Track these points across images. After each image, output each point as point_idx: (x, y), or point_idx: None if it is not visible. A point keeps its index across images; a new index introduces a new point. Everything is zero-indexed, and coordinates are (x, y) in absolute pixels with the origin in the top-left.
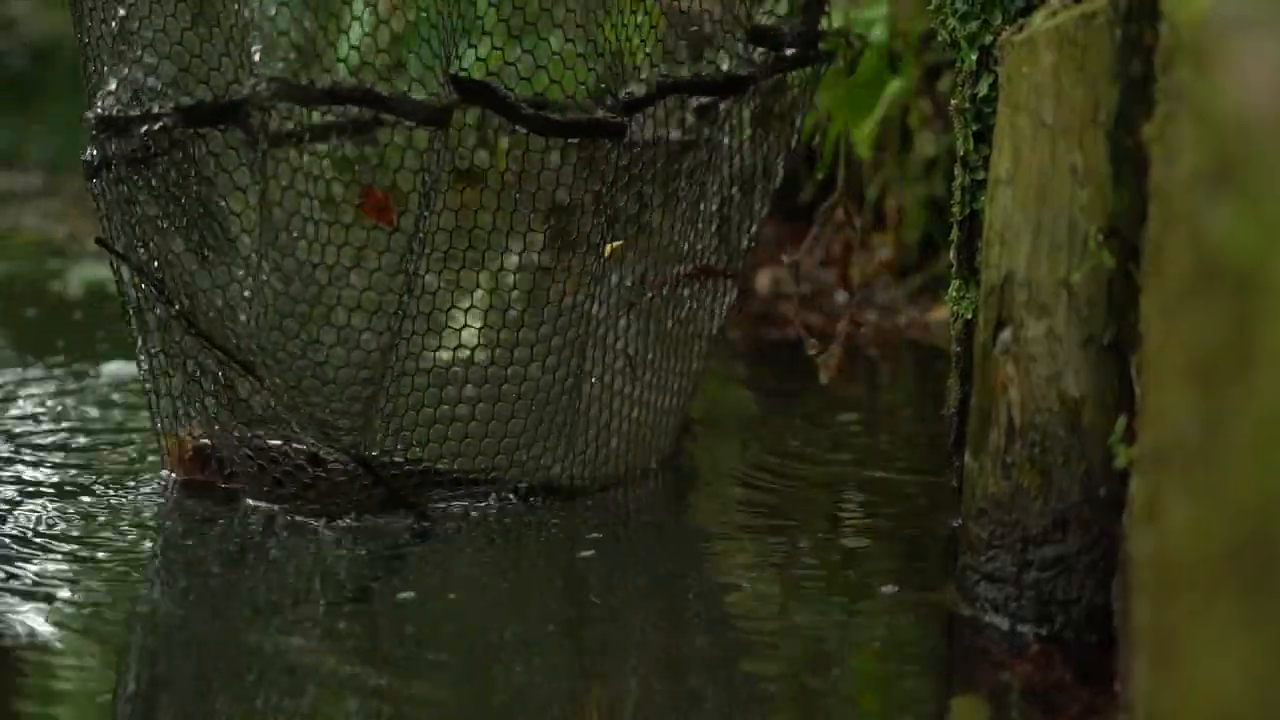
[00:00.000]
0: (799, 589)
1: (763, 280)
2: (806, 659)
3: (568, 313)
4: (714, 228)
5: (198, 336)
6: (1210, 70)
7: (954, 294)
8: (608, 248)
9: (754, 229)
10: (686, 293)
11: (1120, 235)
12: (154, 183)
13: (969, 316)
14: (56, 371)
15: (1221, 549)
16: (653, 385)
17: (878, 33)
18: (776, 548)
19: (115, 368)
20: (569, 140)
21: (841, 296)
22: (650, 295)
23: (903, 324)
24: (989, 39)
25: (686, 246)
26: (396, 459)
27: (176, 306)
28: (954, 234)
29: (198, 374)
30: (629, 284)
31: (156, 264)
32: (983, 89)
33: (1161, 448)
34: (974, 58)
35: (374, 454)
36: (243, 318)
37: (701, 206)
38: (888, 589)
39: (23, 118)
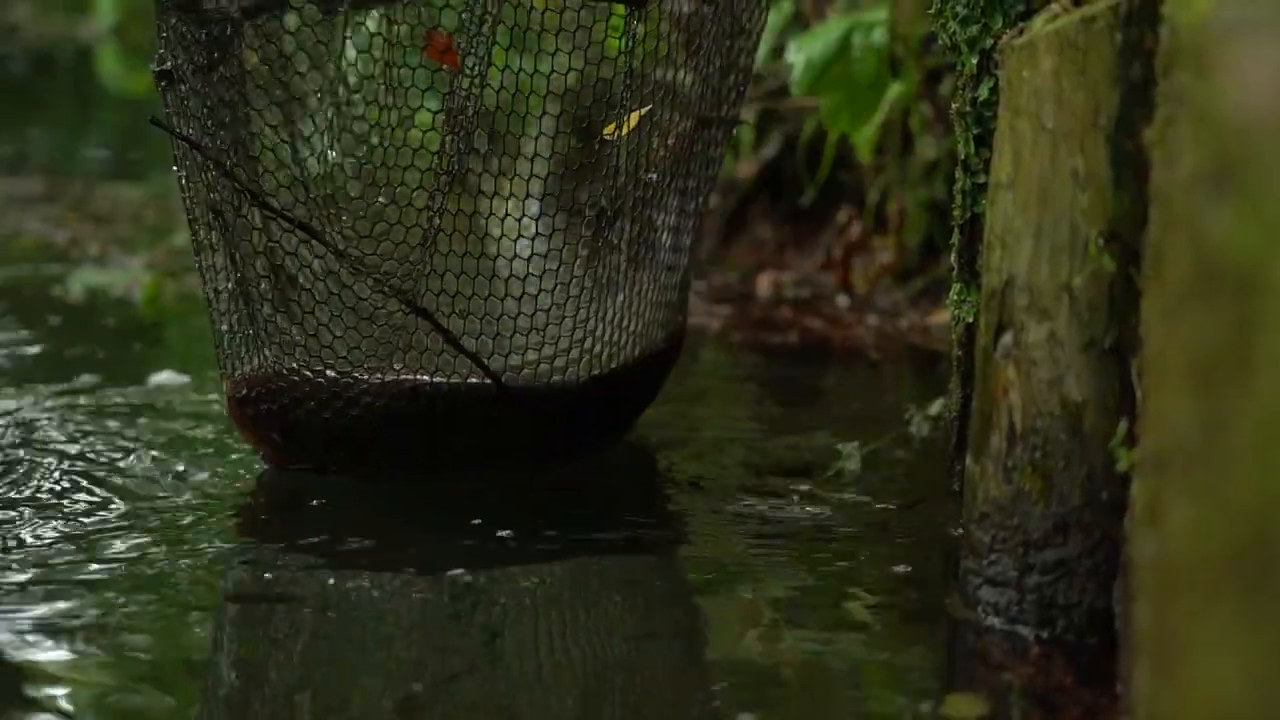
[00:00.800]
0: (799, 592)
1: (763, 283)
2: (807, 662)
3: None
4: (714, 81)
5: (264, 207)
6: (1211, 73)
7: (955, 298)
8: (633, 115)
9: (743, 80)
10: (689, 147)
11: (1121, 239)
12: (221, 74)
13: (970, 320)
14: (105, 380)
15: (1222, 551)
16: (668, 246)
17: (878, 36)
18: (776, 550)
19: (165, 377)
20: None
21: (843, 300)
22: (666, 155)
23: (904, 327)
24: (989, 43)
25: (701, 104)
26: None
27: (240, 180)
28: (955, 238)
29: (257, 303)
30: (654, 146)
31: (226, 150)
32: (983, 93)
33: (1163, 451)
34: (974, 61)
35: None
36: (312, 172)
37: (713, 61)
38: (889, 592)
39: (24, 123)
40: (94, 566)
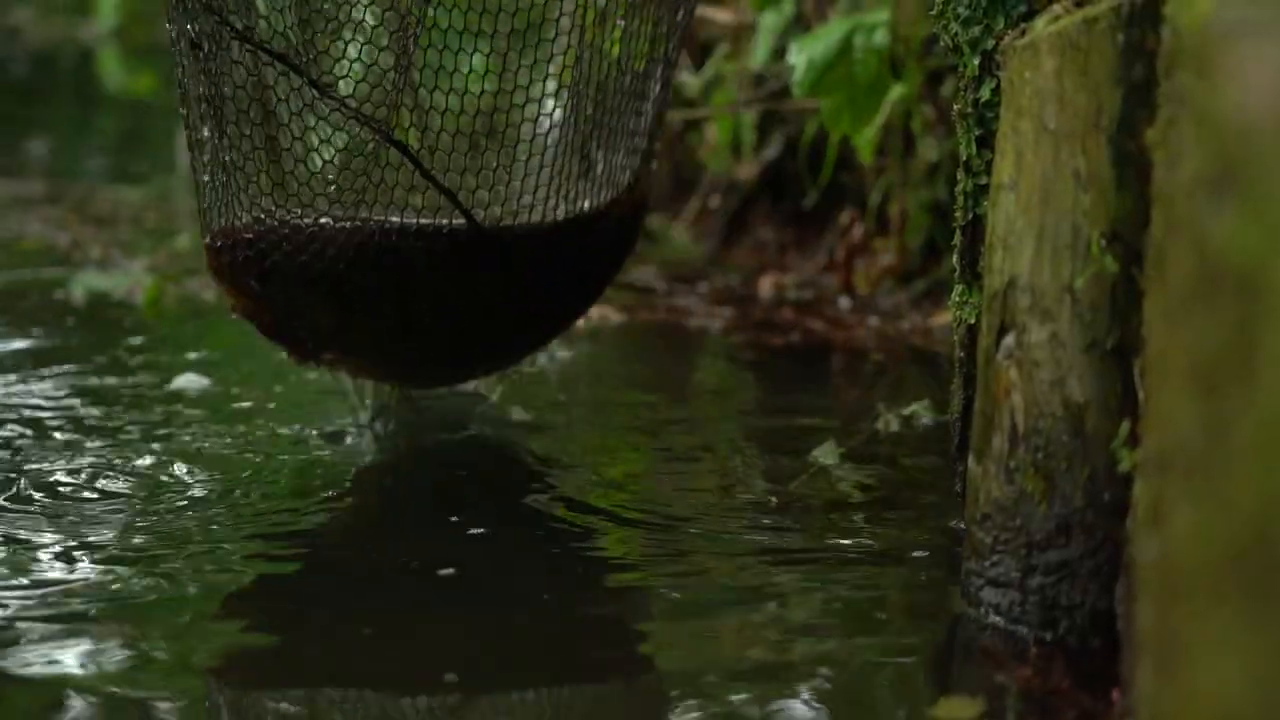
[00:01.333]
0: (799, 593)
1: (765, 285)
2: (807, 664)
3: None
4: None
5: (241, 39)
6: (1212, 75)
7: (957, 299)
8: None
9: None
10: None
11: (1123, 240)
12: None
13: (972, 322)
14: (124, 385)
15: (1225, 553)
16: (634, 93)
17: (880, 38)
18: (777, 551)
19: (187, 380)
20: None
21: (844, 302)
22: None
23: (906, 329)
24: (991, 44)
25: None
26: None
27: (218, 10)
28: (957, 239)
29: (234, 141)
30: None
31: None
32: (985, 94)
33: (1165, 452)
34: (976, 63)
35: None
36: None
37: None
38: (891, 593)
39: (25, 125)
40: (79, 600)
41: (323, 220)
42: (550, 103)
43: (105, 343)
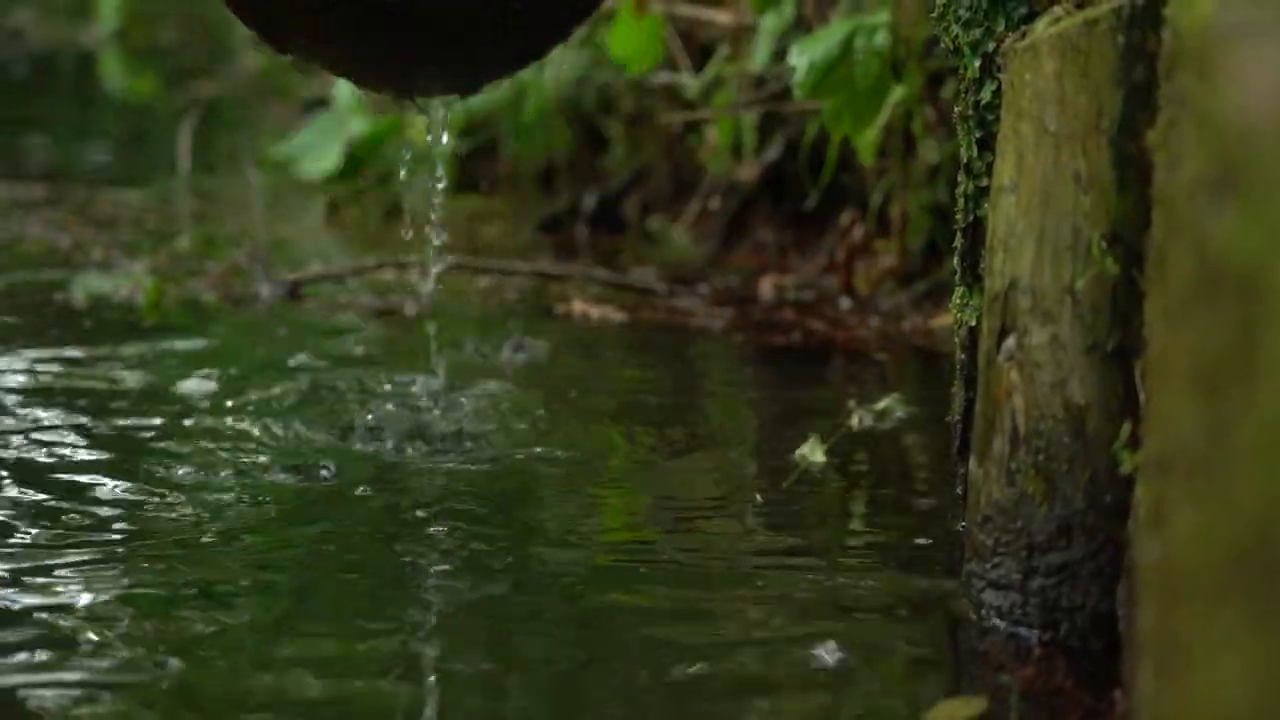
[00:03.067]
0: (800, 595)
1: (765, 286)
2: (807, 665)
3: None
4: None
5: None
6: (1213, 76)
7: (958, 301)
8: None
9: None
10: None
11: (1124, 241)
12: None
13: (973, 323)
14: (130, 384)
15: (1226, 554)
16: None
17: (880, 39)
18: (779, 552)
19: (193, 384)
20: None
21: (845, 303)
22: None
23: (906, 330)
24: (992, 46)
25: None
26: None
27: None
28: (958, 241)
29: None
30: None
31: None
32: (986, 96)
33: (1166, 453)
34: (977, 64)
35: None
36: None
37: None
38: (892, 595)
39: (26, 127)
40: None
41: None
42: None
43: (106, 344)
